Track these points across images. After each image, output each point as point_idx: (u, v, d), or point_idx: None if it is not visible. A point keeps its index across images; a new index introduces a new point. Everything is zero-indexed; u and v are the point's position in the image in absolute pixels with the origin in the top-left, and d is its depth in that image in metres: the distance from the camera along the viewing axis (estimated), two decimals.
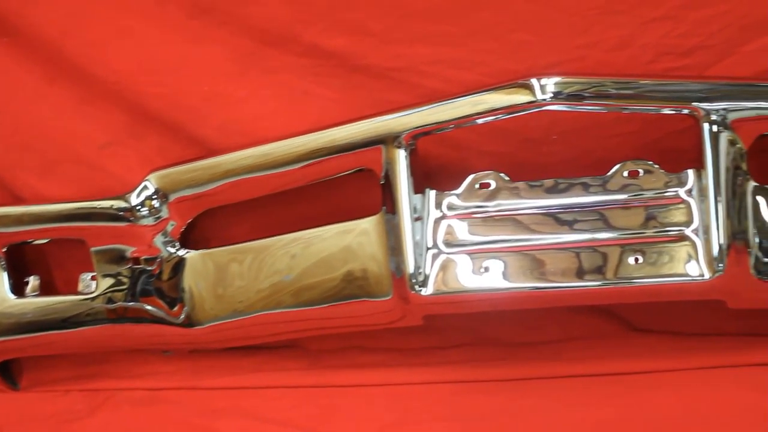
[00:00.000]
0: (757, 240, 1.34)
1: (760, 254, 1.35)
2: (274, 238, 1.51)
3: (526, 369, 1.50)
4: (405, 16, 1.44)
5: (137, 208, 1.51)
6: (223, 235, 1.56)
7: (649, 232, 1.38)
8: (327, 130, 1.43)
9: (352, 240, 1.45)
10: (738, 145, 1.33)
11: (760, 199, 1.35)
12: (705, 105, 1.34)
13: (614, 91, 1.35)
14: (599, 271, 1.38)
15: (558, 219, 1.41)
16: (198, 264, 1.52)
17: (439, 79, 1.44)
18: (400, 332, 1.50)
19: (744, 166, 1.33)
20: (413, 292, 1.41)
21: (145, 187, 1.51)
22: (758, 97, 1.34)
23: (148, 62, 1.51)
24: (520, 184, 1.42)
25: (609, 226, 1.39)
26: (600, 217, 1.40)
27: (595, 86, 1.35)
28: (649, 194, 1.39)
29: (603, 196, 1.40)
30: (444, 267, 1.41)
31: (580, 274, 1.38)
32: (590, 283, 1.38)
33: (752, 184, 1.34)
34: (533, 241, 1.41)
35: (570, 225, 1.40)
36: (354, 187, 1.48)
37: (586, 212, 1.40)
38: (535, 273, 1.39)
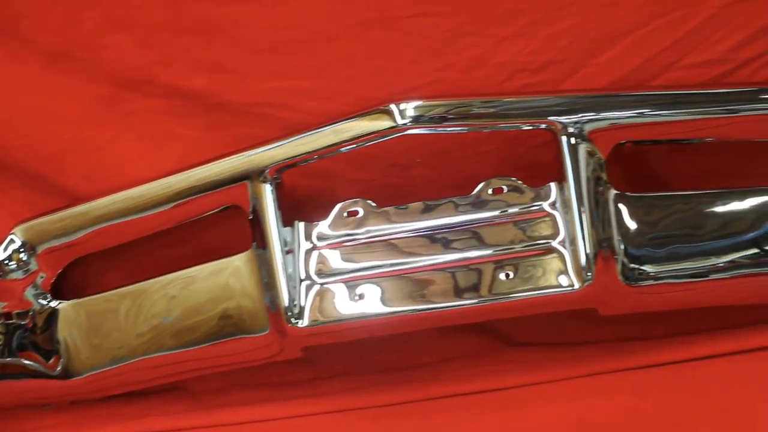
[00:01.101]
0: (622, 247, 1.37)
1: (626, 260, 1.37)
2: (151, 281, 1.50)
3: (407, 393, 1.50)
4: (261, 51, 1.44)
5: (5, 262, 1.49)
6: (98, 282, 1.55)
7: (518, 247, 1.40)
8: (191, 171, 1.43)
9: (226, 277, 1.45)
10: (597, 156, 1.35)
11: (621, 206, 1.37)
12: (561, 118, 1.36)
13: (473, 111, 1.37)
14: (474, 288, 1.39)
15: (429, 240, 1.42)
16: (71, 314, 1.50)
17: (300, 111, 1.44)
18: (282, 366, 1.49)
19: (604, 175, 1.35)
20: (290, 325, 1.41)
21: (12, 241, 1.49)
22: (612, 107, 1.36)
23: (5, 115, 1.49)
24: (389, 209, 1.42)
25: (479, 244, 1.41)
26: (469, 235, 1.41)
27: (453, 107, 1.36)
28: (514, 210, 1.40)
29: (470, 215, 1.41)
30: (319, 297, 1.41)
31: (456, 293, 1.39)
32: (466, 302, 1.40)
33: (613, 192, 1.37)
34: (406, 264, 1.41)
35: (441, 245, 1.41)
36: (227, 224, 1.46)
37: (455, 232, 1.41)
38: (410, 295, 1.39)
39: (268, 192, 1.40)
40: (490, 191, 1.41)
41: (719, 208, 1.40)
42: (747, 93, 1.39)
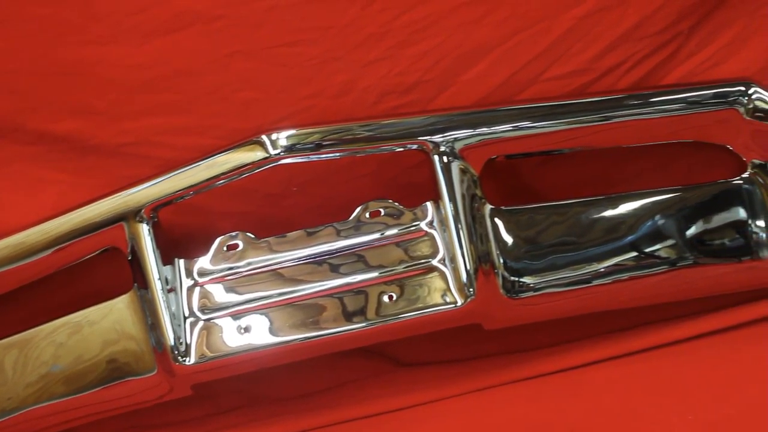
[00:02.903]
0: (501, 261, 1.38)
1: (506, 274, 1.38)
2: (36, 329, 1.48)
3: (301, 421, 1.50)
4: (128, 91, 1.43)
5: None
6: None
7: (400, 269, 1.40)
8: (66, 215, 1.41)
9: (111, 320, 1.44)
10: (470, 172, 1.36)
11: (498, 221, 1.39)
12: (432, 138, 1.37)
13: (344, 137, 1.37)
14: (360, 312, 1.40)
15: (312, 268, 1.42)
16: None
17: (172, 148, 1.43)
18: (175, 405, 1.48)
19: (479, 191, 1.37)
20: (177, 363, 1.40)
21: None
22: (481, 123, 1.38)
23: None
24: (269, 240, 1.42)
25: (361, 268, 1.41)
26: (352, 260, 1.42)
27: (325, 134, 1.37)
28: (393, 231, 1.41)
29: (350, 239, 1.42)
30: (205, 333, 1.41)
31: (343, 318, 1.40)
32: (353, 326, 1.40)
33: (489, 207, 1.38)
34: (291, 293, 1.42)
35: (324, 272, 1.41)
36: (109, 266, 1.45)
37: (337, 257, 1.42)
38: (298, 324, 1.40)
39: (145, 232, 1.39)
40: (367, 215, 1.42)
41: (594, 215, 1.42)
42: (611, 101, 1.41)
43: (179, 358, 1.40)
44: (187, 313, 1.42)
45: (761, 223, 1.42)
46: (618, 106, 1.40)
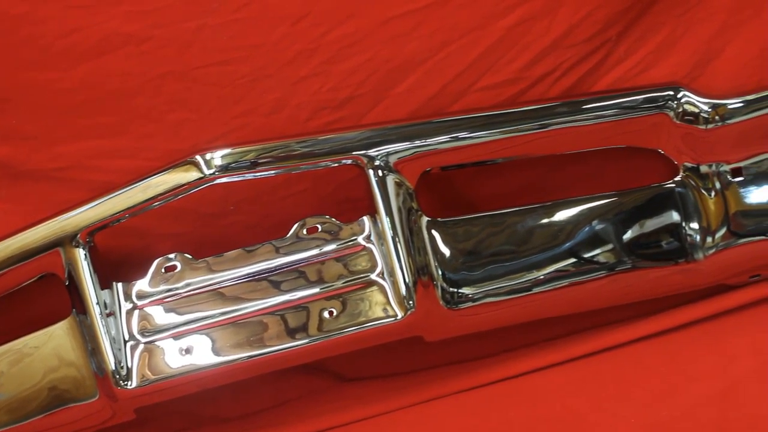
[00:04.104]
0: (440, 272, 1.38)
1: (445, 285, 1.39)
2: None
3: None
4: (60, 115, 1.42)
5: None
6: None
7: (339, 284, 1.41)
8: (1, 243, 1.38)
9: (51, 347, 1.43)
10: (405, 185, 1.37)
11: (435, 233, 1.39)
12: (366, 152, 1.37)
13: (278, 154, 1.37)
14: (302, 329, 1.40)
15: (251, 286, 1.42)
16: None
17: (106, 171, 1.43)
18: (119, 429, 1.46)
19: (415, 204, 1.37)
20: (119, 388, 1.40)
21: None
22: (415, 136, 1.39)
23: None
24: (208, 260, 1.42)
25: (301, 285, 1.41)
26: (291, 277, 1.42)
27: (259, 152, 1.37)
28: (331, 247, 1.41)
29: (289, 256, 1.42)
30: (146, 356, 1.40)
31: (285, 335, 1.40)
32: (295, 343, 1.40)
33: (425, 219, 1.39)
34: (232, 312, 1.42)
35: (264, 290, 1.41)
36: (47, 292, 1.44)
37: (276, 275, 1.42)
38: (240, 343, 1.39)
39: (81, 257, 1.38)
40: (305, 231, 1.42)
41: (531, 224, 1.43)
42: (543, 109, 1.42)
43: (121, 382, 1.39)
44: (127, 337, 1.41)
45: (694, 225, 1.43)
46: (550, 114, 1.41)
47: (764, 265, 1.48)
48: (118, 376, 1.39)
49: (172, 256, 1.42)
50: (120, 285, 1.42)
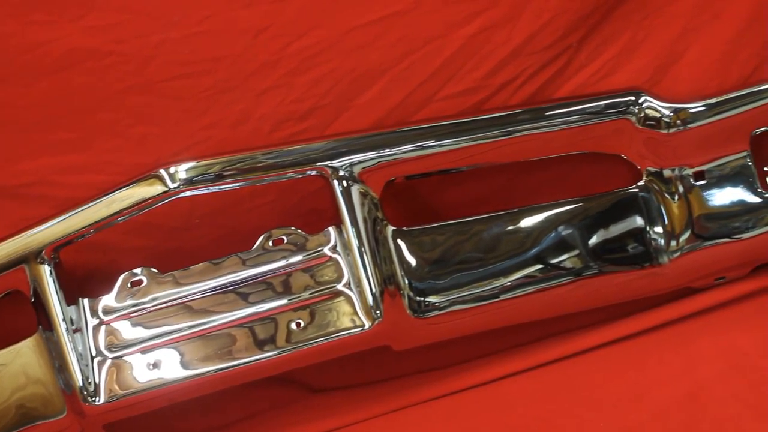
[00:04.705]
0: (406, 281, 1.39)
1: (412, 294, 1.39)
2: None
3: None
4: (22, 131, 1.42)
5: None
6: None
7: (306, 295, 1.41)
8: None
9: (17, 365, 1.43)
10: (370, 195, 1.37)
11: (400, 242, 1.40)
12: (331, 163, 1.37)
13: (242, 166, 1.37)
14: (270, 341, 1.40)
15: (219, 299, 1.43)
16: None
17: (70, 187, 1.42)
18: None
19: (380, 213, 1.38)
20: (87, 404, 1.40)
21: None
22: (379, 146, 1.39)
23: None
24: (174, 273, 1.42)
25: (268, 297, 1.42)
26: (258, 289, 1.42)
27: (223, 165, 1.37)
28: (297, 258, 1.41)
29: (255, 269, 1.42)
30: (113, 372, 1.40)
31: (253, 347, 1.40)
32: (264, 355, 1.40)
33: (391, 228, 1.39)
34: (200, 325, 1.42)
35: (231, 302, 1.42)
36: (12, 310, 1.43)
37: (244, 287, 1.42)
38: (208, 356, 1.39)
39: (46, 273, 1.38)
40: (271, 243, 1.42)
41: (496, 231, 1.43)
42: (507, 117, 1.43)
43: (89, 398, 1.39)
44: (94, 353, 1.40)
45: (659, 229, 1.44)
46: (514, 122, 1.42)
47: (729, 268, 1.48)
48: (85, 392, 1.39)
49: (137, 270, 1.41)
50: (86, 301, 1.42)
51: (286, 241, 1.41)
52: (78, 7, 1.38)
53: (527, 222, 1.44)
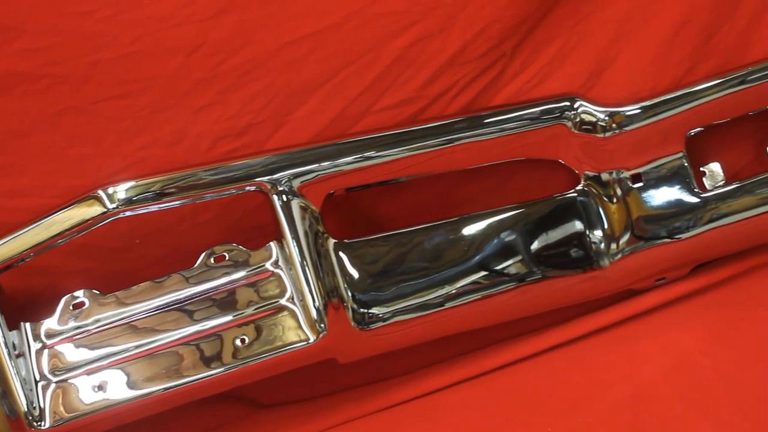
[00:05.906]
0: (349, 294, 1.39)
1: (355, 306, 1.40)
2: None
3: None
4: None
5: None
6: None
7: (250, 311, 1.41)
8: None
9: None
10: (311, 209, 1.37)
11: (342, 254, 1.40)
12: (269, 178, 1.37)
13: (182, 185, 1.37)
14: (217, 357, 1.40)
15: (162, 318, 1.42)
16: None
17: (8, 211, 1.42)
18: None
19: (321, 227, 1.38)
20: (32, 429, 1.38)
21: None
22: (317, 159, 1.39)
23: None
24: (117, 294, 1.41)
25: (212, 314, 1.42)
26: (201, 307, 1.42)
27: (163, 183, 1.37)
28: (240, 274, 1.41)
29: (198, 286, 1.42)
30: (59, 395, 1.39)
31: (200, 365, 1.40)
32: (210, 372, 1.40)
33: (332, 241, 1.39)
34: (144, 345, 1.41)
35: (175, 321, 1.42)
36: None
37: (186, 305, 1.42)
38: (154, 375, 1.39)
39: None
40: (212, 260, 1.41)
41: (437, 240, 1.44)
42: (443, 126, 1.43)
43: (34, 423, 1.39)
44: (38, 377, 1.40)
45: (598, 232, 1.45)
46: (451, 130, 1.43)
47: (669, 268, 1.50)
48: (30, 417, 1.38)
49: (79, 293, 1.41)
50: (28, 325, 1.41)
51: (228, 258, 1.41)
52: (9, 30, 1.37)
53: (468, 230, 1.45)
